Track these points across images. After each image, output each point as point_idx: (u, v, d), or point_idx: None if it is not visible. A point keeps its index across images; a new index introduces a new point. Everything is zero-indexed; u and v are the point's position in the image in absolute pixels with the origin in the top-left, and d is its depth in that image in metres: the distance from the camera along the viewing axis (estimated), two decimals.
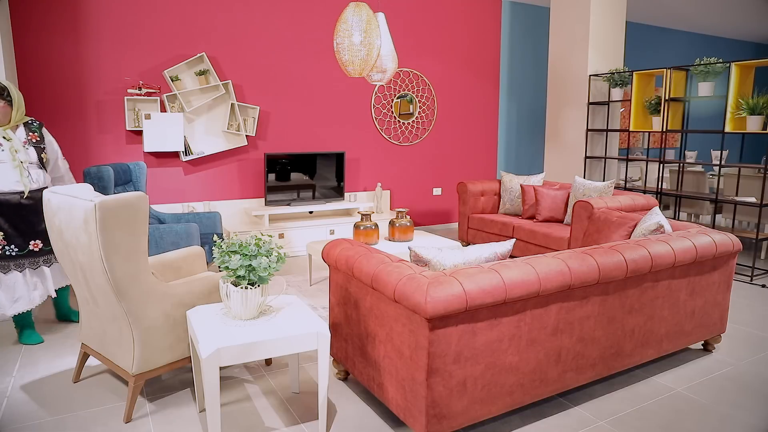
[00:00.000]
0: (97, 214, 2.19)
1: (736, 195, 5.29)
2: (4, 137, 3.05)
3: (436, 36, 6.61)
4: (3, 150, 3.03)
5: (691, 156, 7.12)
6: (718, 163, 5.25)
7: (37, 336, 3.32)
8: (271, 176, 5.56)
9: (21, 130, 3.17)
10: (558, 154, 6.56)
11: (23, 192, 3.08)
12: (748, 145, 9.68)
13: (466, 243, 5.82)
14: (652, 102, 5.57)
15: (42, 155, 3.20)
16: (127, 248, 2.30)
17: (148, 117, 4.89)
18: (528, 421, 2.46)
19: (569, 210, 4.94)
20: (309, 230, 5.55)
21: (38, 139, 3.20)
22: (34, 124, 3.23)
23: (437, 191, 6.93)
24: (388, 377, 2.28)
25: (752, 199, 4.88)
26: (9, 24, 4.18)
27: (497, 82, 7.20)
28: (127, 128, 4.99)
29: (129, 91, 4.94)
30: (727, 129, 4.81)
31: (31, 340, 3.29)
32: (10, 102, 3.09)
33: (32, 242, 3.15)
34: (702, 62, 5.05)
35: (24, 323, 3.32)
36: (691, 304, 2.93)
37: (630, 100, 5.73)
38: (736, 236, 3.30)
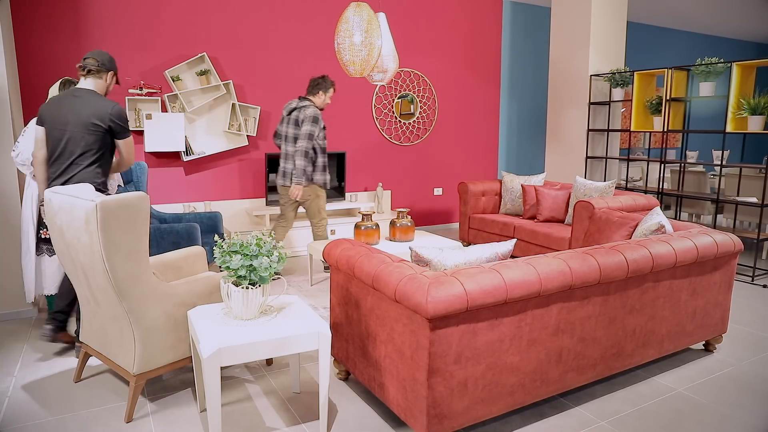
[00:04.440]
0: (98, 214, 2.19)
1: (738, 195, 5.29)
2: None
3: (437, 36, 6.61)
4: None
5: (692, 156, 7.12)
6: (719, 163, 5.25)
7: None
8: (272, 176, 5.56)
9: None
10: (559, 154, 6.56)
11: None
12: (749, 145, 9.67)
13: (467, 243, 5.82)
14: (653, 102, 5.56)
15: None
16: (128, 248, 2.30)
17: (149, 117, 4.89)
18: (529, 421, 2.46)
19: (570, 210, 4.94)
20: (310, 230, 5.54)
21: None
22: None
23: (438, 191, 6.93)
24: (389, 377, 2.28)
25: (753, 200, 4.88)
26: (10, 23, 4.18)
27: (498, 82, 7.20)
28: None
29: (130, 91, 4.94)
30: (729, 129, 4.80)
31: None
32: None
33: None
34: (703, 62, 5.05)
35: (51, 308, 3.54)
36: (693, 304, 2.93)
37: (631, 100, 5.73)
38: (738, 236, 3.30)
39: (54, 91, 3.45)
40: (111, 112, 2.91)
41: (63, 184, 2.90)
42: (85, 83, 2.98)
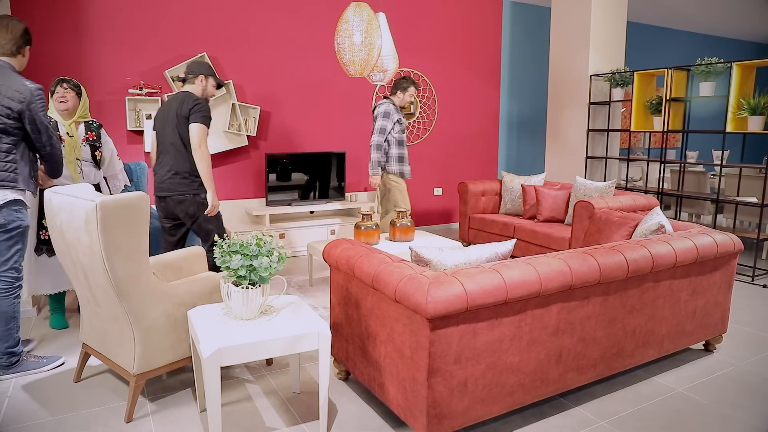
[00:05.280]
0: (98, 214, 2.19)
1: (738, 195, 5.29)
2: (68, 133, 3.32)
3: (436, 36, 6.61)
4: (64, 146, 3.28)
5: (692, 156, 7.12)
6: (719, 163, 5.25)
7: (63, 321, 3.53)
8: (272, 176, 5.56)
9: (81, 127, 3.43)
10: (559, 154, 6.55)
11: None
12: (749, 145, 9.67)
13: (467, 243, 5.82)
14: (653, 102, 5.56)
15: (95, 153, 3.47)
16: (128, 248, 2.30)
17: (149, 117, 4.89)
18: (529, 421, 2.46)
19: (570, 210, 4.94)
20: (310, 230, 5.55)
21: (95, 138, 3.47)
22: (94, 124, 3.51)
23: (438, 191, 6.93)
24: (389, 377, 2.28)
25: (753, 200, 4.88)
26: None
27: (498, 82, 7.20)
28: (129, 128, 4.99)
29: (130, 91, 4.94)
30: (729, 129, 4.80)
31: (58, 325, 3.51)
32: (79, 97, 3.39)
33: None
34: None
35: (58, 306, 3.54)
36: (692, 304, 2.93)
37: (631, 100, 5.73)
38: (738, 236, 3.30)
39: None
40: (191, 102, 3.26)
41: (161, 176, 3.36)
42: (183, 88, 3.43)
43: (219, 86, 3.57)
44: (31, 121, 2.67)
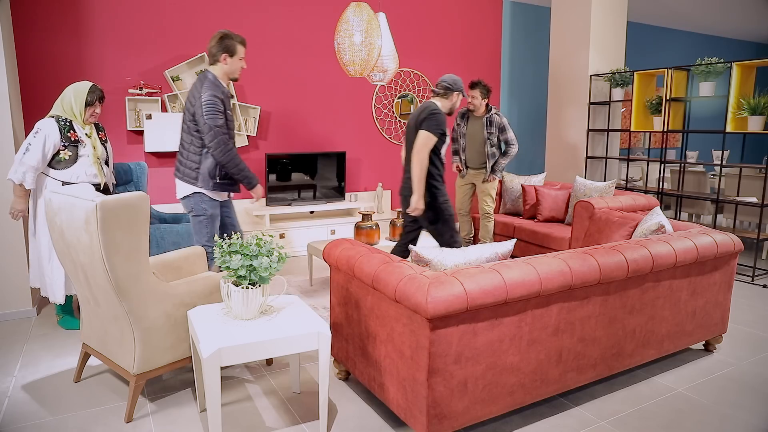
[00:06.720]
0: (98, 214, 2.19)
1: (737, 195, 5.29)
2: (87, 134, 3.32)
3: (436, 36, 6.61)
4: (85, 146, 3.28)
5: (692, 156, 7.12)
6: (719, 163, 5.25)
7: (75, 322, 3.52)
8: (272, 176, 5.56)
9: (93, 129, 3.40)
10: (559, 154, 6.55)
11: (100, 184, 3.34)
12: (749, 145, 9.67)
13: (467, 243, 5.81)
14: (653, 102, 5.56)
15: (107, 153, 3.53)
16: (128, 248, 2.30)
17: (149, 117, 4.89)
18: (529, 421, 2.46)
19: (570, 210, 4.94)
20: (310, 230, 5.55)
21: (104, 138, 3.48)
22: (99, 125, 3.50)
23: None
24: (389, 377, 2.28)
25: (753, 200, 4.88)
26: (10, 23, 4.18)
27: (498, 82, 7.20)
28: (129, 128, 4.99)
29: (130, 91, 4.94)
30: (729, 129, 4.80)
31: (70, 326, 3.50)
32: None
33: None
34: (703, 62, 5.05)
35: (67, 308, 3.54)
36: (692, 304, 2.93)
37: (631, 100, 5.73)
38: (738, 236, 3.30)
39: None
40: (427, 112, 3.39)
41: (404, 180, 3.60)
42: (434, 100, 3.54)
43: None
44: (201, 123, 3.06)
